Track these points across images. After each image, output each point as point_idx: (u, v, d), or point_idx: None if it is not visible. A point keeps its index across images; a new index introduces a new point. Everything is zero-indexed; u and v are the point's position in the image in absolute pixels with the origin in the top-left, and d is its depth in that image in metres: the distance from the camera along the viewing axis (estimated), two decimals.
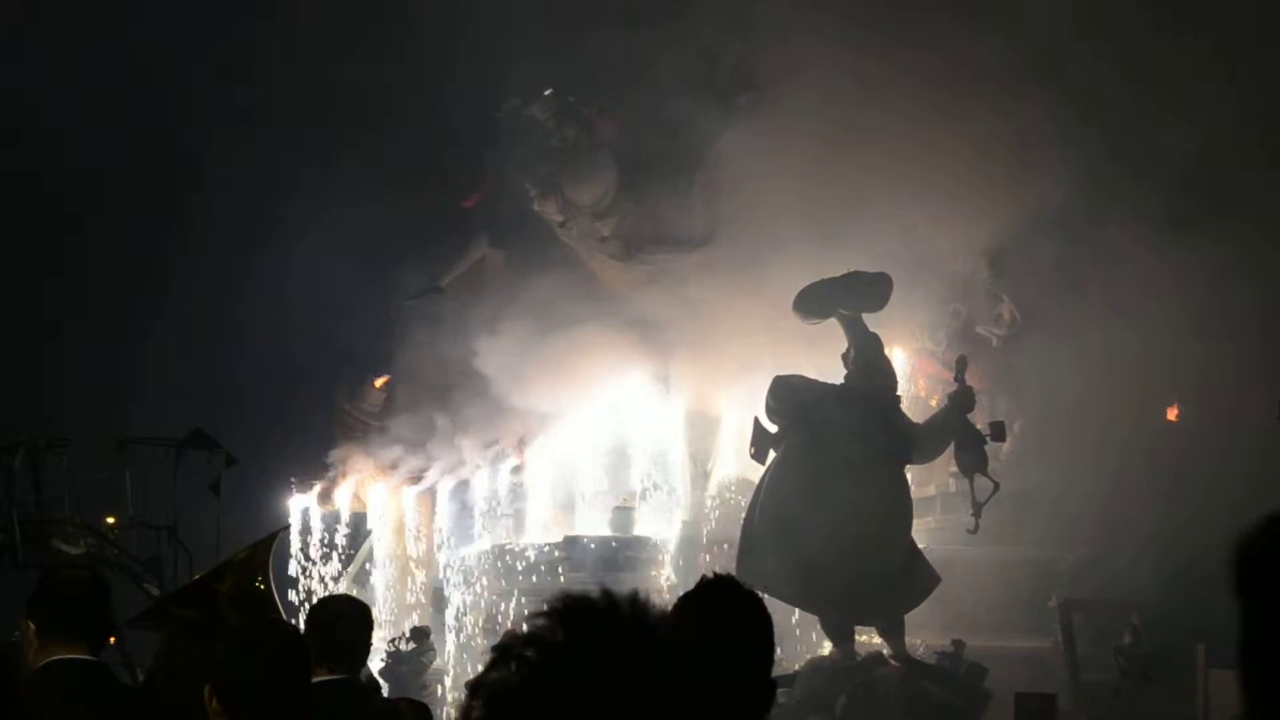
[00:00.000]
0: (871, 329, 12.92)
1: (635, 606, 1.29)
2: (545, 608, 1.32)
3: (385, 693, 7.16)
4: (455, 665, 16.50)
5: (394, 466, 18.35)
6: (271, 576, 5.43)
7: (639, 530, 16.25)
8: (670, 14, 18.51)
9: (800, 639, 14.08)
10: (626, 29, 17.71)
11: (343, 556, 18.36)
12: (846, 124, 15.94)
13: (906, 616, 13.18)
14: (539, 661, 1.26)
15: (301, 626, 4.66)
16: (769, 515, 12.63)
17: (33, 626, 3.85)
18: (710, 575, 3.15)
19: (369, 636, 4.77)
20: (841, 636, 12.80)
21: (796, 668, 12.73)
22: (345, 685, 4.50)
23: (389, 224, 19.36)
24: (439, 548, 17.85)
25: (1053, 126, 15.46)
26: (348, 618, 4.71)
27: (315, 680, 4.18)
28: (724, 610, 3.00)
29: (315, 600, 16.33)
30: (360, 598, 18.19)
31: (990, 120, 15.53)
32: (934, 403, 14.81)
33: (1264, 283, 15.17)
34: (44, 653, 3.87)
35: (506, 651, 1.29)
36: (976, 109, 15.57)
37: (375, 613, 17.30)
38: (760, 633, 3.20)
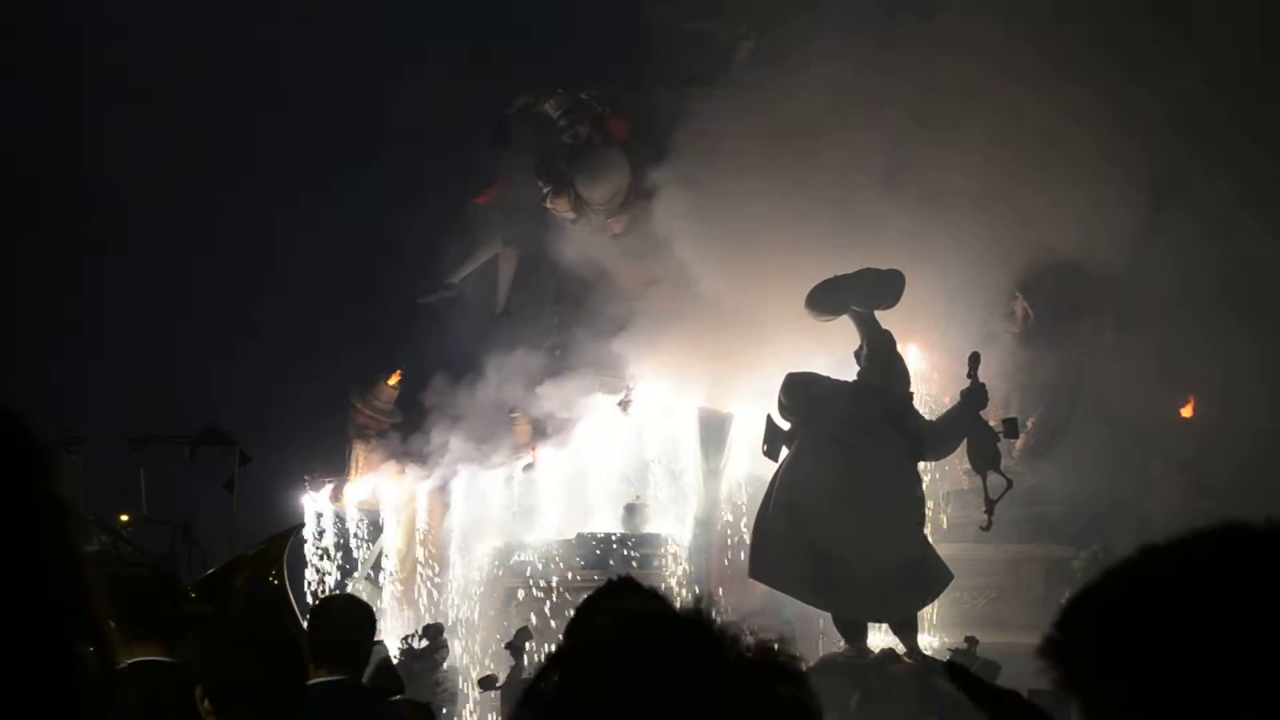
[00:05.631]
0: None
1: (691, 607, 1.24)
2: (600, 610, 1.25)
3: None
4: (468, 663, 16.50)
5: (406, 462, 18.35)
6: (285, 573, 5.40)
7: (650, 528, 16.22)
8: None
9: (812, 637, 14.04)
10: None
11: (357, 554, 18.36)
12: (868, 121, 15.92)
13: (919, 614, 13.17)
14: (594, 667, 1.20)
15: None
16: (781, 513, 12.62)
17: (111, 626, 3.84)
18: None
19: (370, 637, 4.63)
20: (854, 634, 12.78)
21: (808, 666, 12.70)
22: (344, 687, 4.37)
23: (400, 220, 19.36)
24: (451, 545, 17.84)
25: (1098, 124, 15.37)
26: (348, 617, 4.57)
27: (314, 682, 4.10)
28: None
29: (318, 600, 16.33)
30: (373, 595, 18.18)
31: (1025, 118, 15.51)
32: (947, 400, 14.77)
33: None
34: (126, 653, 3.90)
35: (558, 657, 1.22)
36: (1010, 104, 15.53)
37: (387, 610, 17.12)
38: None
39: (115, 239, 19.07)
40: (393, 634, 16.75)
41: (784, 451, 12.86)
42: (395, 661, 14.18)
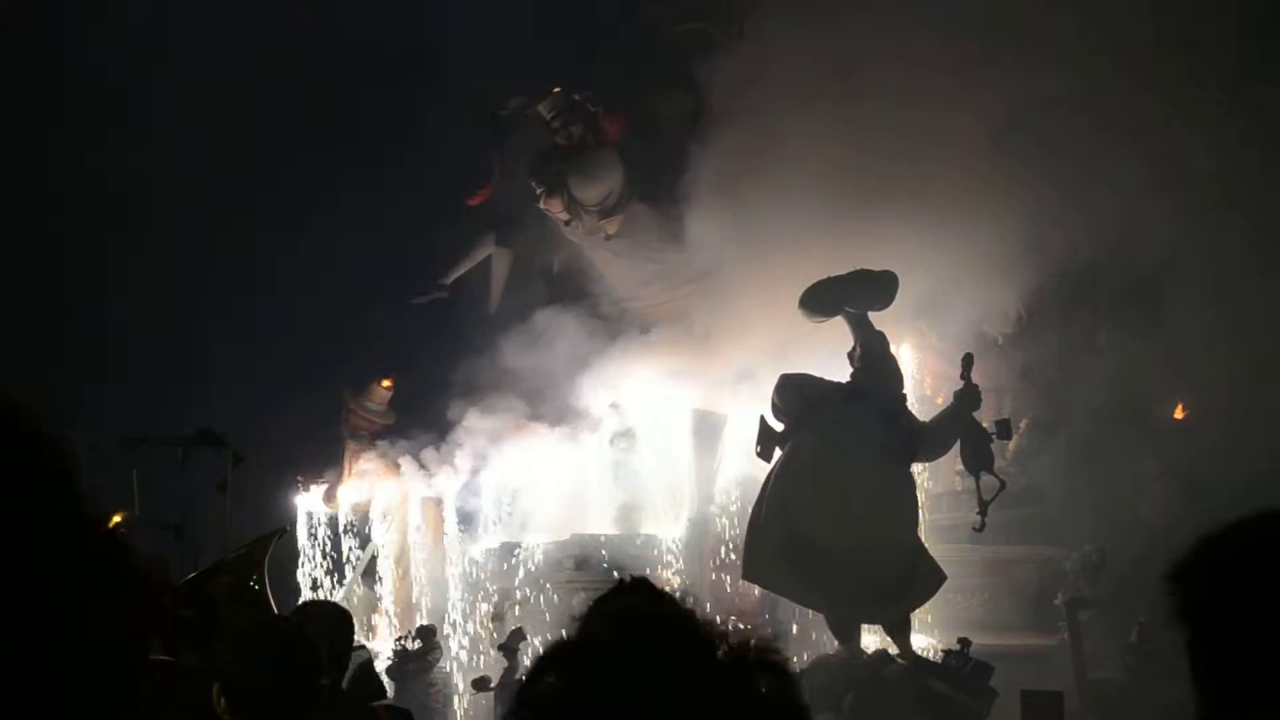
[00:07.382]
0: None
1: (682, 606, 1.24)
2: (593, 612, 1.26)
3: (391, 692, 7.11)
4: (461, 664, 16.49)
5: (400, 463, 18.34)
6: (267, 577, 5.38)
7: (645, 529, 16.22)
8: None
9: (807, 638, 14.06)
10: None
11: (348, 556, 18.34)
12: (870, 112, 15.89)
13: (913, 615, 13.17)
14: (586, 668, 1.19)
15: None
16: (774, 514, 12.63)
17: None
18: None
19: (349, 641, 4.64)
20: (847, 635, 12.79)
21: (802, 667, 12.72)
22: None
23: (395, 222, 19.35)
24: (446, 546, 17.83)
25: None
26: (325, 622, 4.57)
27: None
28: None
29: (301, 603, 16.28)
30: (366, 597, 18.12)
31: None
32: (940, 401, 14.78)
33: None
34: None
35: (550, 658, 1.22)
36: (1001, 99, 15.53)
37: (380, 612, 17.05)
38: None
39: (115, 238, 19.06)
40: (386, 636, 16.75)
41: (777, 453, 12.87)
42: (389, 663, 14.19)
